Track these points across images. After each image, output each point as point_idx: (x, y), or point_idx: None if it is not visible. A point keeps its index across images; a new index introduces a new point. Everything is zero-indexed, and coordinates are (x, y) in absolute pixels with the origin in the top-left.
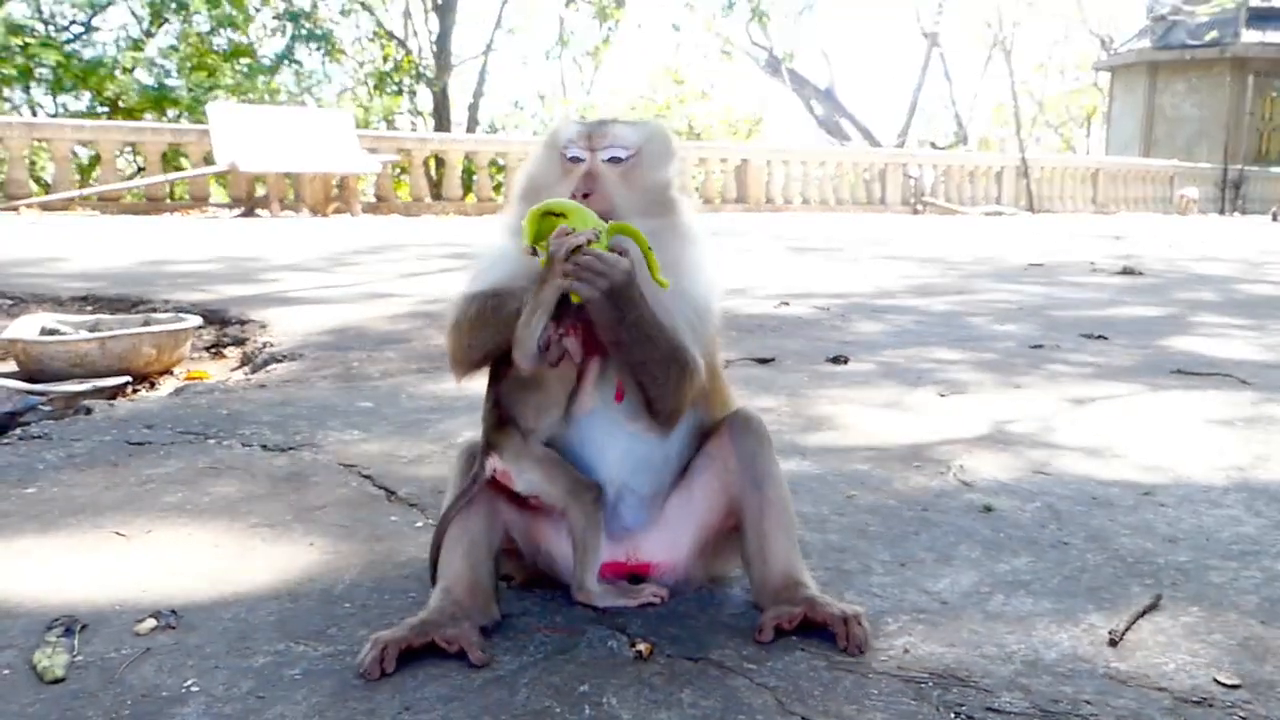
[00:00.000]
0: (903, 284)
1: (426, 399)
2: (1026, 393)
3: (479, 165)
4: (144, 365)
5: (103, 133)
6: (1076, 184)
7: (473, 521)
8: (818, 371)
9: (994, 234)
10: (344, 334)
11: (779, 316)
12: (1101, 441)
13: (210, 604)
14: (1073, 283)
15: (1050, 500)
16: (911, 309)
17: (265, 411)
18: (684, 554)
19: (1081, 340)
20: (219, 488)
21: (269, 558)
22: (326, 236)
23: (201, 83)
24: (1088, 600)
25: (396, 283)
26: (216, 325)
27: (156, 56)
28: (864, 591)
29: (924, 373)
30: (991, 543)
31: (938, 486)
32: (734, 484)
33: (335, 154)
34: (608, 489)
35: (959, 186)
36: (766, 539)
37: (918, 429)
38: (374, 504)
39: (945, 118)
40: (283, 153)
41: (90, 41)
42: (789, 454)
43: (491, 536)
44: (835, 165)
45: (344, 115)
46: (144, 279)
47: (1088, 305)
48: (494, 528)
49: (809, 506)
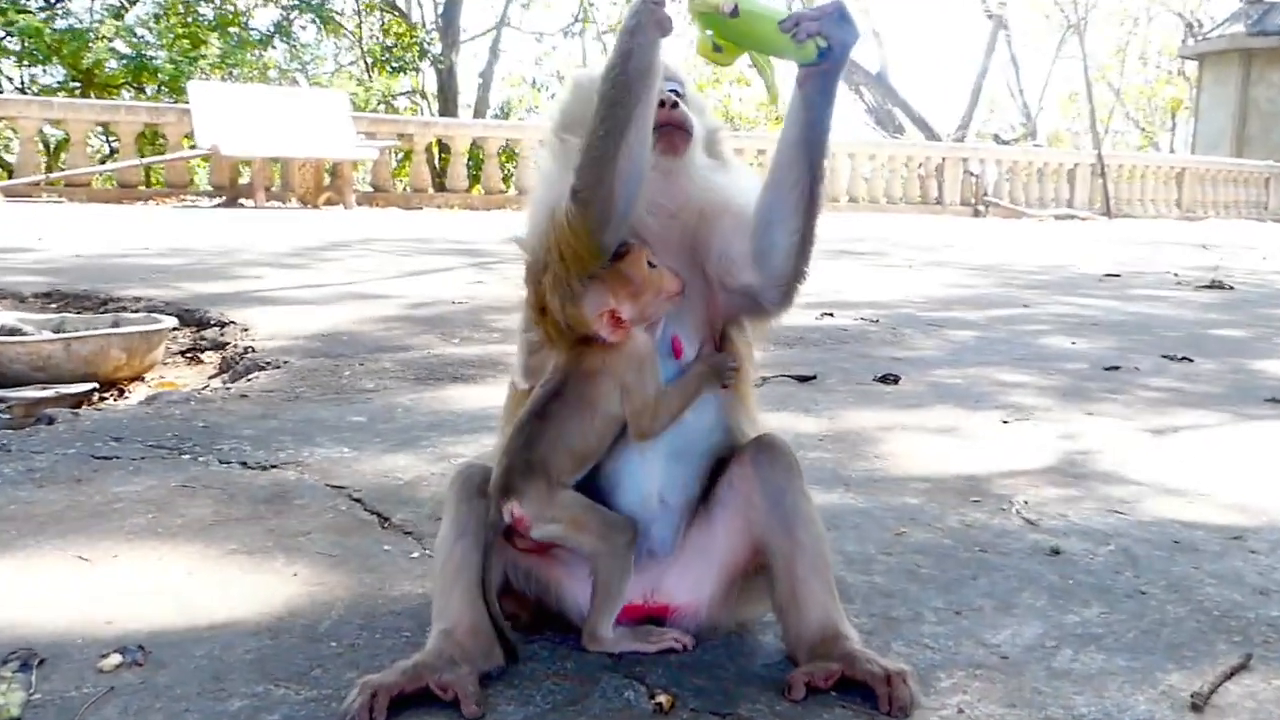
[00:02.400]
0: (961, 294)
1: (425, 414)
2: (1100, 420)
3: (488, 153)
4: (112, 370)
5: (73, 111)
6: (1159, 185)
7: (471, 557)
8: (864, 392)
9: (1065, 240)
10: (335, 339)
11: (821, 329)
12: (1185, 478)
13: (181, 639)
14: (1153, 297)
15: (1126, 543)
16: (971, 323)
17: (246, 425)
18: (707, 596)
19: (1163, 362)
20: (193, 509)
21: (247, 588)
22: (317, 230)
23: (186, 53)
24: (1167, 658)
25: (394, 283)
26: (193, 327)
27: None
28: (914, 642)
29: (984, 395)
30: (1059, 590)
31: (999, 525)
32: (759, 523)
33: (328, 138)
34: (642, 505)
35: (1026, 186)
36: (799, 586)
37: (977, 459)
38: (365, 531)
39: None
40: (270, 136)
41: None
42: (831, 484)
43: (494, 572)
44: (886, 160)
45: (338, 96)
46: (114, 274)
47: (1170, 323)
48: (497, 563)
49: (852, 545)
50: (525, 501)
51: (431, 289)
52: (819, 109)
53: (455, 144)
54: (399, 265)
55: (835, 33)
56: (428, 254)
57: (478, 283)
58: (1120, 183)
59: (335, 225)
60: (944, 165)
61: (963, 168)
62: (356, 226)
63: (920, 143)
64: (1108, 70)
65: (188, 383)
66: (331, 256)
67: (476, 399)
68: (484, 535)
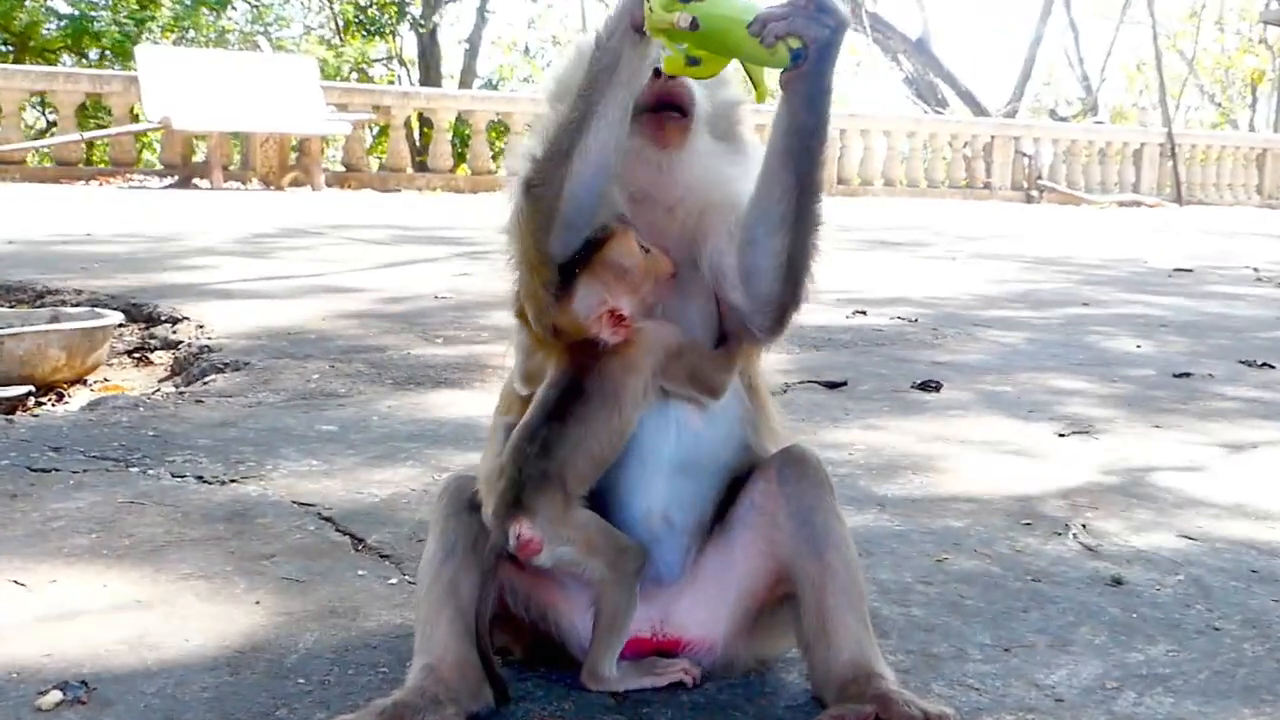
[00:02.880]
0: (1012, 290)
1: (404, 422)
2: (1169, 434)
3: (475, 128)
4: (51, 372)
5: (4, 79)
6: (1237, 168)
7: (462, 581)
8: (902, 400)
9: (1130, 229)
10: (301, 338)
11: (853, 329)
12: (1264, 499)
13: (129, 674)
14: (1230, 295)
15: (1197, 573)
16: (1023, 323)
17: (201, 434)
18: (723, 629)
19: (1240, 369)
20: (143, 528)
21: (204, 618)
22: (282, 214)
23: (133, 15)
24: (1243, 702)
25: (369, 275)
26: (141, 323)
27: None
28: (957, 683)
29: (1038, 405)
30: (1122, 625)
31: (1054, 551)
32: (785, 546)
33: (294, 111)
34: (642, 523)
35: (1086, 168)
36: (829, 617)
37: (1029, 477)
38: (336, 553)
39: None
40: (228, 108)
41: None
42: (864, 504)
43: (489, 601)
44: (928, 138)
45: (306, 63)
46: (52, 263)
47: (1249, 324)
48: (488, 589)
49: (888, 573)
50: (538, 520)
51: (411, 282)
52: (804, 116)
53: (438, 118)
54: (374, 255)
55: (809, 30)
56: (406, 242)
57: (463, 275)
58: (1193, 165)
59: (302, 209)
60: (993, 144)
61: (1014, 147)
62: (326, 210)
63: (966, 119)
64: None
65: (135, 386)
66: (298, 244)
67: (461, 406)
68: (481, 559)
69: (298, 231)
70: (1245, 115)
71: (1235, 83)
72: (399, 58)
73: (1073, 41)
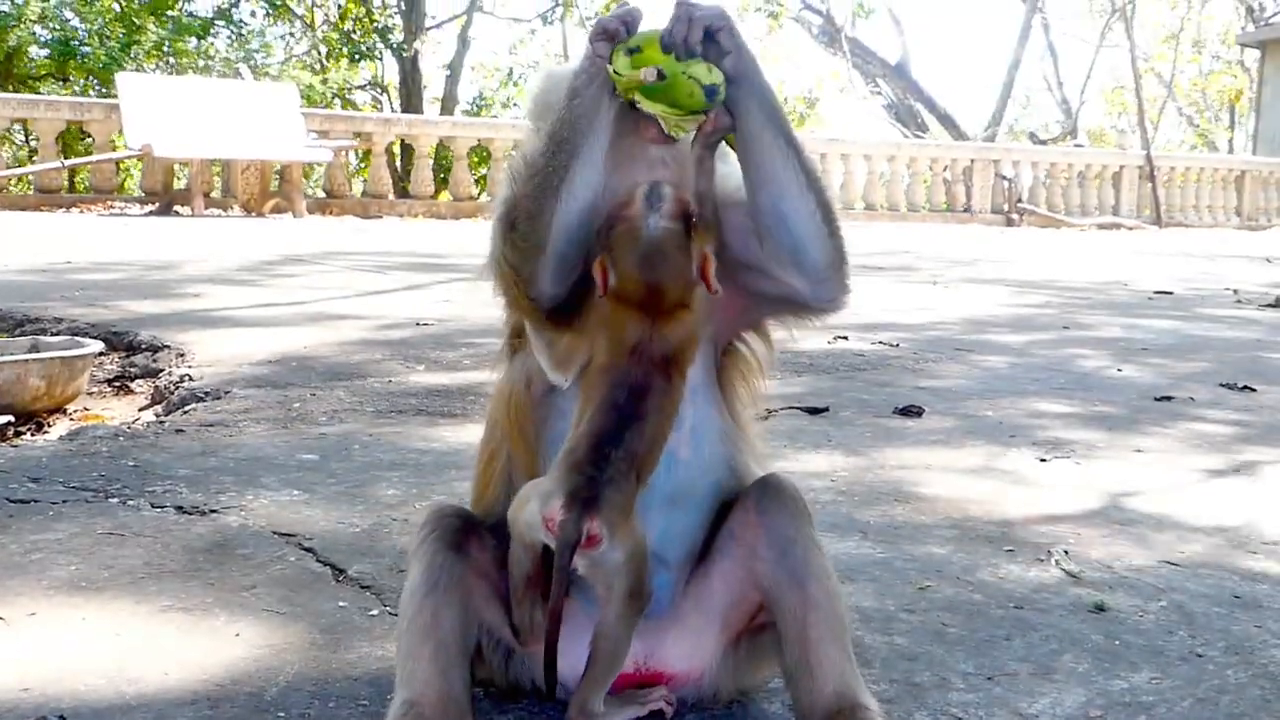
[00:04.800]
0: (993, 315)
1: (385, 450)
2: (1150, 458)
3: (457, 154)
4: (30, 401)
5: None
6: (1216, 190)
7: (444, 613)
8: (883, 426)
9: (1110, 252)
10: (282, 366)
11: (834, 354)
12: (1247, 524)
13: (108, 708)
14: (1211, 317)
15: (1180, 599)
16: (1004, 347)
17: (182, 464)
18: (707, 661)
19: (1221, 391)
20: (122, 560)
21: (184, 650)
22: (262, 241)
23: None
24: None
25: (351, 302)
26: (122, 352)
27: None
28: (941, 712)
29: (1020, 429)
30: (1104, 652)
31: (1036, 578)
32: (765, 576)
33: (275, 138)
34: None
35: (1065, 191)
36: (811, 648)
37: (1011, 502)
38: (317, 584)
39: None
40: (209, 135)
41: None
42: (846, 531)
43: (467, 633)
44: (908, 161)
45: (287, 90)
46: (32, 291)
47: (1229, 346)
48: (470, 622)
49: (870, 600)
50: (603, 517)
51: (393, 308)
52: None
53: (420, 144)
54: (356, 281)
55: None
56: (389, 268)
57: (445, 301)
58: (1172, 187)
59: (283, 236)
60: (973, 168)
61: (994, 170)
62: (307, 237)
63: (946, 143)
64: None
65: (115, 415)
66: (279, 271)
67: (445, 435)
68: (562, 556)
69: (280, 259)
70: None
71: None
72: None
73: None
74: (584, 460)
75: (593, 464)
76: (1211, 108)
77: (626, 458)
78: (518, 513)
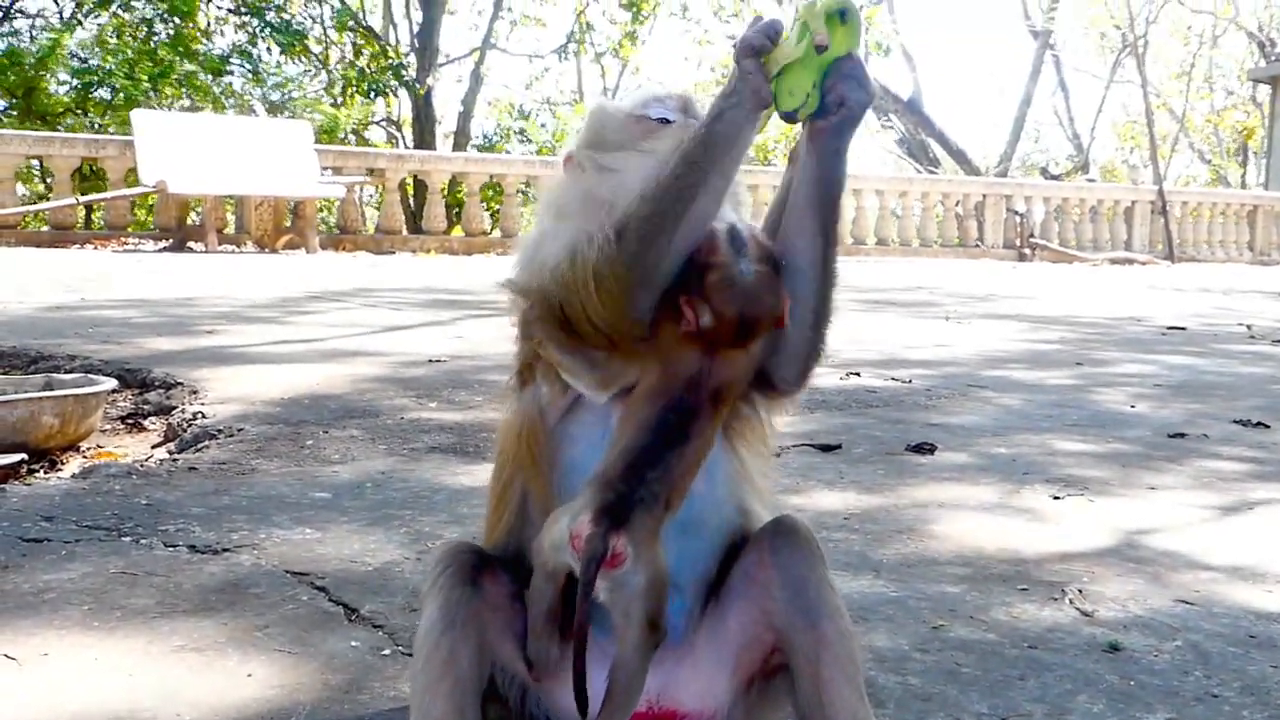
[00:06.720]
0: (1006, 350)
1: (398, 489)
2: (1165, 495)
3: (469, 190)
4: (43, 439)
5: (1, 144)
6: (1229, 225)
7: (461, 650)
8: (896, 463)
9: (1122, 287)
10: (296, 403)
11: (846, 390)
12: (1262, 562)
13: None
14: (1224, 353)
15: (1195, 638)
16: (1017, 383)
17: (195, 502)
18: (720, 700)
19: (1236, 429)
20: (135, 599)
21: (196, 691)
22: (276, 277)
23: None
24: None
25: (364, 338)
26: (135, 389)
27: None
28: None
29: (1033, 467)
30: (1119, 693)
31: (1050, 617)
32: (778, 616)
33: (289, 174)
34: None
35: (1077, 226)
36: (825, 689)
37: (1025, 540)
38: (330, 624)
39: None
40: (224, 171)
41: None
42: (859, 569)
43: (481, 672)
44: (919, 197)
45: (301, 127)
46: (46, 328)
47: (1243, 383)
48: (485, 658)
49: (884, 639)
50: (631, 537)
51: (406, 344)
52: (831, 167)
53: (432, 179)
54: (368, 317)
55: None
56: (402, 304)
57: (458, 338)
58: (1184, 223)
59: (296, 272)
60: (984, 203)
61: (1006, 206)
62: (320, 273)
63: (958, 178)
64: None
65: (128, 453)
66: (292, 308)
67: (458, 472)
68: (587, 570)
69: (292, 296)
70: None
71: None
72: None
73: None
74: (618, 477)
75: (626, 481)
76: (1224, 144)
77: (663, 480)
78: (546, 533)
